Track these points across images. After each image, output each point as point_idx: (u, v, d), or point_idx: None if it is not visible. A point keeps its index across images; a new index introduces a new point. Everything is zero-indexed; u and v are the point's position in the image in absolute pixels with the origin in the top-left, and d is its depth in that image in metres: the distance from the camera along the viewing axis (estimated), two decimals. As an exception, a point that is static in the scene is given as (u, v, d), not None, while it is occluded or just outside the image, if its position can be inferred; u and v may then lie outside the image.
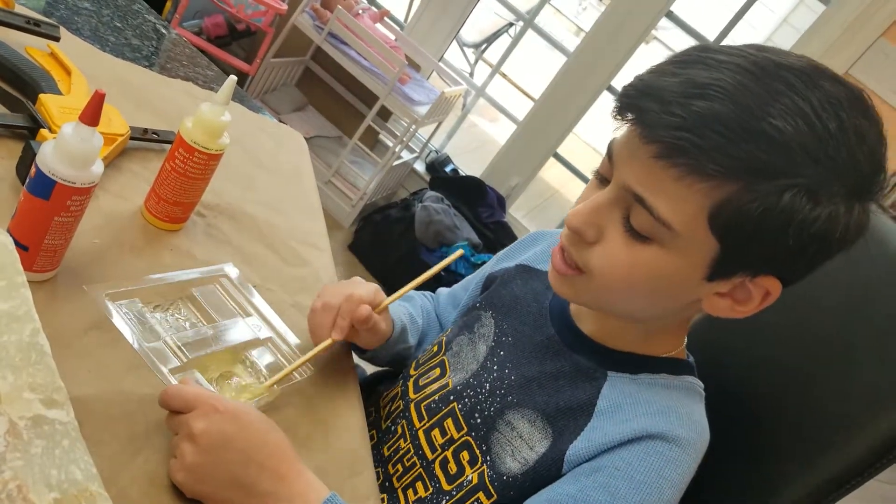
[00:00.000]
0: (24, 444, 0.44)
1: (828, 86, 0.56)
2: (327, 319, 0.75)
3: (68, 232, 0.62)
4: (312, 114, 2.85)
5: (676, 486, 0.63)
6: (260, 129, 1.14)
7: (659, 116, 0.55)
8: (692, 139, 0.54)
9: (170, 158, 0.75)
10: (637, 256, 0.61)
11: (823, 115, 0.54)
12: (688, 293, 0.64)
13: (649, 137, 0.56)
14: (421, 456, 0.75)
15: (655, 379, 0.69)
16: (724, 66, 0.56)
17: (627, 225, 0.61)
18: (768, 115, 0.54)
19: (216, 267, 0.77)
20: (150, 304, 0.68)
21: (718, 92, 0.54)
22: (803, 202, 0.54)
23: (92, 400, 0.57)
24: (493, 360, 0.77)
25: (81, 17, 1.03)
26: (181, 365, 0.65)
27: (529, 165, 2.79)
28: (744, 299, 0.63)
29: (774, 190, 0.54)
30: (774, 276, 0.61)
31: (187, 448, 0.55)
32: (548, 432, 0.69)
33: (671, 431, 0.64)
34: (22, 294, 0.48)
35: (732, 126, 0.54)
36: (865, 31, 2.17)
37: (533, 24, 2.79)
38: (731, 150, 0.54)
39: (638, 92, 0.58)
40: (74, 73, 0.85)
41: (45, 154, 0.57)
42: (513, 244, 0.92)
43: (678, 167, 0.56)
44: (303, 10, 2.48)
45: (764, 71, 0.55)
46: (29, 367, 0.46)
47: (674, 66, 0.58)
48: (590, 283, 0.64)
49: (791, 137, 0.54)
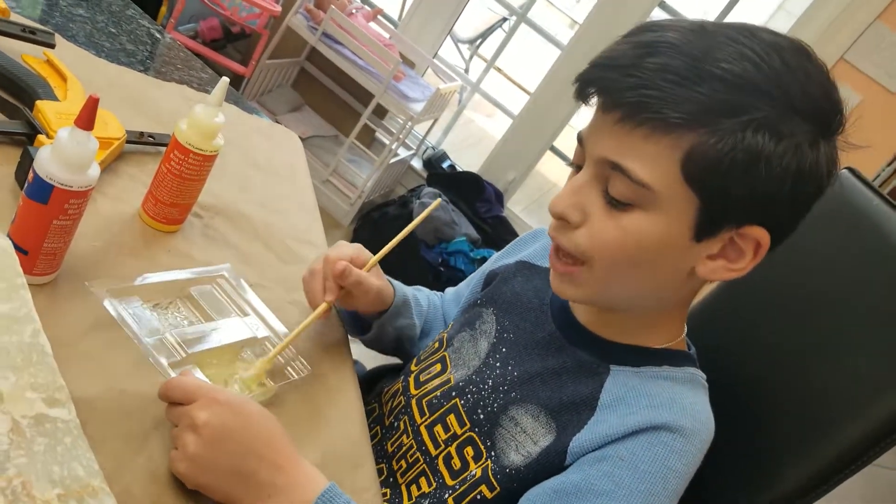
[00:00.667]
0: (27, 441, 0.45)
1: (766, 36, 0.60)
2: (316, 285, 0.78)
3: (67, 235, 0.63)
4: (309, 114, 2.86)
5: (681, 477, 0.64)
6: (255, 129, 1.15)
7: (617, 81, 0.59)
8: (650, 94, 0.57)
9: (165, 161, 0.76)
10: (623, 225, 0.62)
11: (767, 57, 0.58)
12: (680, 259, 0.64)
13: (612, 104, 0.60)
14: (424, 452, 0.76)
15: (658, 371, 0.70)
16: (668, 28, 0.60)
17: (608, 197, 0.62)
18: (717, 60, 0.57)
19: (214, 268, 0.78)
20: (150, 303, 0.70)
21: (667, 47, 0.58)
22: (766, 137, 0.57)
23: (94, 399, 0.58)
24: (495, 356, 0.77)
25: (76, 23, 1.04)
26: (180, 360, 0.66)
27: (526, 159, 2.79)
28: (736, 256, 0.63)
29: (736, 127, 0.57)
30: (760, 226, 0.62)
31: (189, 439, 0.56)
32: (551, 427, 0.69)
33: (675, 422, 0.65)
34: (21, 296, 0.49)
35: (685, 74, 0.57)
36: (861, 14, 2.17)
37: (526, 18, 2.80)
38: (687, 96, 0.57)
39: (594, 66, 0.62)
40: (70, 79, 0.86)
41: (42, 159, 0.58)
42: (513, 241, 0.93)
43: (644, 125, 0.58)
44: (296, 11, 2.49)
45: (704, 29, 0.60)
46: (30, 367, 0.47)
47: (623, 38, 0.62)
48: (591, 269, 0.65)
49: (741, 76, 0.57)
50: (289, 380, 0.72)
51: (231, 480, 0.57)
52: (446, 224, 2.49)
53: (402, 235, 0.78)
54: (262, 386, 0.69)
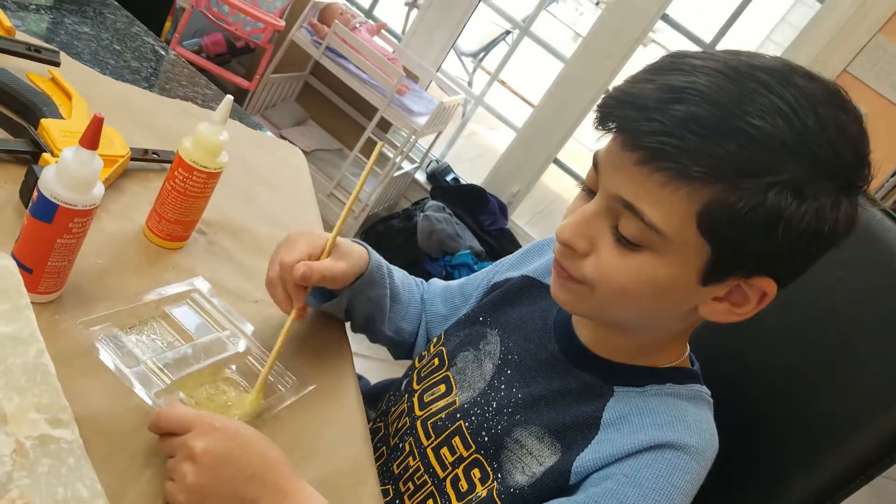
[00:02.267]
0: (30, 462, 0.45)
1: (802, 83, 0.57)
2: (279, 294, 0.74)
3: (71, 253, 0.63)
4: (313, 128, 2.87)
5: (685, 494, 0.63)
6: (258, 145, 1.15)
7: (639, 123, 0.56)
8: (673, 143, 0.55)
9: (170, 178, 0.76)
10: (630, 265, 0.61)
11: (801, 111, 0.55)
12: (685, 300, 0.64)
13: (632, 145, 0.57)
14: (432, 474, 0.75)
15: (662, 388, 0.69)
16: (699, 70, 0.56)
17: (617, 234, 0.61)
18: (746, 114, 0.54)
19: (186, 282, 0.77)
20: (125, 327, 0.68)
21: (695, 95, 0.55)
22: (789, 199, 0.55)
23: (98, 418, 0.58)
24: (500, 378, 0.77)
25: (81, 41, 1.05)
26: (165, 387, 0.64)
27: (530, 172, 2.80)
28: (741, 301, 0.63)
29: (759, 188, 0.55)
30: (768, 277, 0.61)
31: (188, 468, 0.55)
32: (556, 447, 0.69)
33: (680, 440, 0.64)
34: (26, 316, 0.49)
35: (711, 127, 0.54)
36: (863, 27, 2.17)
37: (529, 31, 2.81)
38: (712, 151, 0.54)
39: (617, 101, 0.59)
40: (75, 98, 0.86)
41: (46, 178, 0.58)
42: (520, 251, 0.92)
43: (662, 172, 0.56)
44: (300, 25, 2.50)
45: (738, 72, 0.56)
46: (34, 387, 0.47)
47: (650, 74, 0.59)
48: (594, 294, 0.64)
49: (771, 135, 0.54)
50: (276, 393, 0.71)
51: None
52: (450, 237, 2.49)
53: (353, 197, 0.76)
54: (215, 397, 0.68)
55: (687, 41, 2.59)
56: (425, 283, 0.99)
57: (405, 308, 0.92)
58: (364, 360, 2.05)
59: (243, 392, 0.70)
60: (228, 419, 0.60)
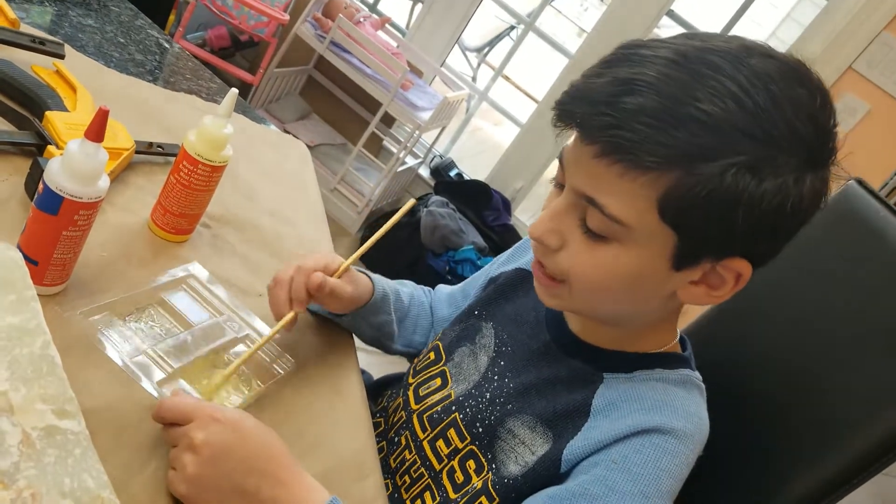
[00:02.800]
0: (37, 453, 0.45)
1: (756, 62, 0.56)
2: (282, 295, 0.74)
3: (77, 246, 0.63)
4: (317, 122, 2.87)
5: (675, 477, 0.64)
6: (263, 139, 1.15)
7: (592, 118, 0.57)
8: (625, 135, 0.55)
9: (174, 171, 0.76)
10: (600, 257, 0.62)
11: (752, 90, 0.55)
12: (660, 286, 0.64)
13: (588, 139, 0.58)
14: (429, 467, 0.76)
15: (650, 374, 0.70)
16: (648, 60, 0.57)
17: (585, 227, 0.62)
18: (695, 99, 0.54)
19: (181, 268, 0.77)
20: (123, 315, 0.68)
21: (643, 86, 0.55)
22: (747, 179, 0.55)
23: (104, 409, 0.58)
24: (493, 369, 0.77)
25: (86, 34, 1.05)
26: (167, 376, 0.65)
27: (534, 168, 2.79)
28: (717, 284, 0.63)
29: (715, 171, 0.55)
30: (741, 257, 0.61)
31: (188, 459, 0.56)
32: (548, 436, 0.69)
33: (667, 424, 0.65)
34: (32, 307, 0.50)
35: (660, 116, 0.55)
36: (869, 24, 2.16)
37: (534, 26, 2.80)
38: (663, 140, 0.55)
39: (570, 98, 0.59)
40: (80, 90, 0.86)
41: (52, 170, 0.59)
42: (514, 246, 0.93)
43: (618, 164, 0.57)
44: (305, 19, 2.50)
45: (687, 58, 0.56)
46: (41, 378, 0.47)
47: (601, 68, 0.59)
48: (571, 291, 0.65)
49: (721, 118, 0.54)
50: (275, 378, 0.72)
51: (233, 498, 0.57)
52: (454, 232, 2.49)
53: (373, 240, 0.75)
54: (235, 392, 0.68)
55: (692, 37, 2.57)
56: (433, 291, 1.00)
57: (414, 322, 0.94)
58: (367, 354, 2.05)
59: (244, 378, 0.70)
60: (229, 409, 0.60)
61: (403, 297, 0.92)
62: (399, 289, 0.92)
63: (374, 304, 0.84)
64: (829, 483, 0.73)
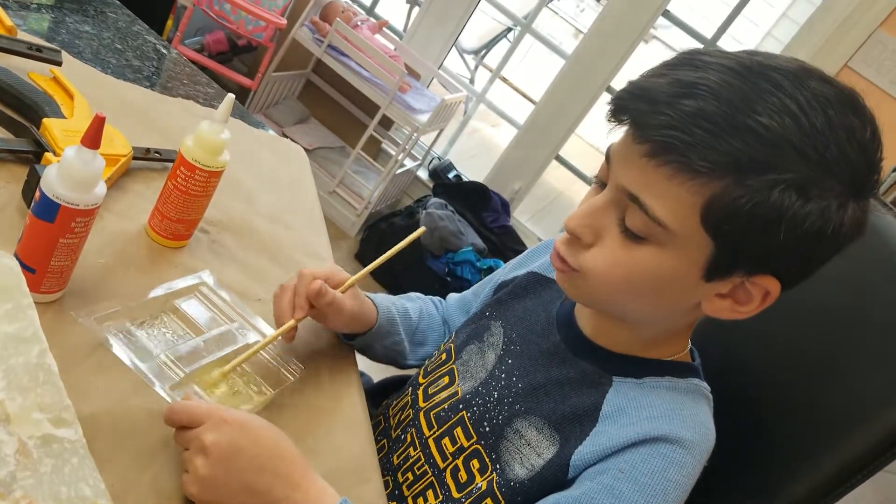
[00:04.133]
0: (33, 462, 0.45)
1: (815, 85, 0.57)
2: (285, 301, 0.75)
3: (74, 253, 0.63)
4: (315, 125, 2.87)
5: (681, 488, 0.64)
6: (260, 143, 1.15)
7: (649, 116, 0.57)
8: (680, 136, 0.55)
9: (172, 177, 0.76)
10: (634, 257, 0.62)
11: (811, 112, 0.55)
12: (688, 294, 0.64)
13: (641, 137, 0.58)
14: (432, 464, 0.75)
15: (660, 382, 0.70)
16: (711, 66, 0.57)
17: (623, 226, 0.62)
18: (754, 111, 0.55)
19: (194, 276, 0.78)
20: (137, 322, 0.69)
21: (704, 90, 0.55)
22: (793, 198, 0.55)
23: (101, 417, 0.58)
24: (501, 368, 0.77)
25: (83, 40, 1.05)
26: (179, 381, 0.65)
27: (532, 169, 2.79)
28: (744, 300, 0.63)
29: (763, 185, 0.55)
30: (772, 276, 0.61)
31: (199, 461, 0.56)
32: (555, 439, 0.69)
33: (675, 433, 0.65)
34: (28, 316, 0.49)
35: (718, 122, 0.55)
36: (863, 22, 2.16)
37: (530, 28, 2.80)
38: (717, 146, 0.55)
39: (629, 94, 0.59)
40: (77, 97, 0.86)
41: (48, 178, 0.58)
42: (525, 252, 0.93)
43: (669, 165, 0.57)
44: (302, 23, 2.50)
45: (750, 70, 0.57)
46: (37, 387, 0.47)
47: (663, 69, 0.59)
48: (586, 282, 0.65)
49: (778, 133, 0.54)
50: (285, 384, 0.72)
51: (245, 498, 0.57)
52: (453, 234, 2.49)
53: (379, 262, 0.76)
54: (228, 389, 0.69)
55: (689, 37, 2.58)
56: (443, 301, 1.01)
57: (425, 336, 0.94)
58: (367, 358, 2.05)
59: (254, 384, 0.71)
60: (239, 412, 0.61)
61: (412, 313, 0.92)
62: (406, 306, 0.92)
63: (380, 328, 0.84)
64: (828, 482, 0.73)
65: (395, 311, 0.88)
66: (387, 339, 0.86)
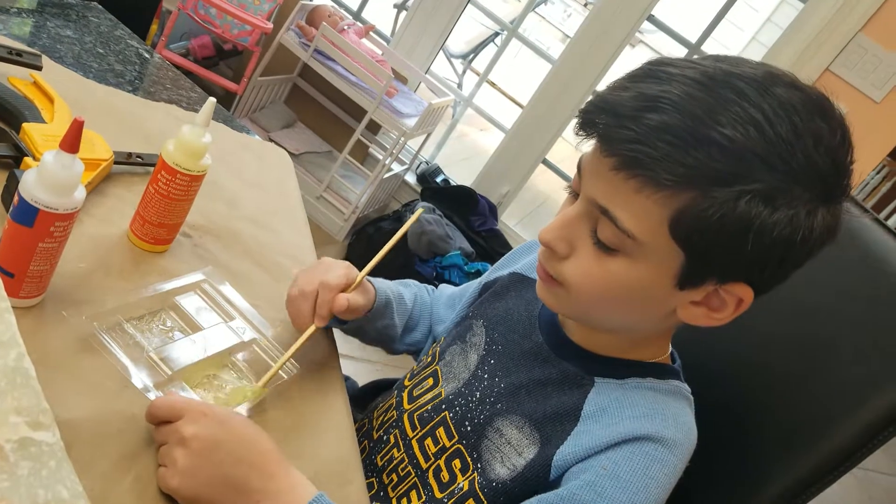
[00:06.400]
0: (10, 465, 0.45)
1: (781, 92, 0.57)
2: (306, 307, 0.76)
3: (53, 258, 0.63)
4: (302, 130, 2.87)
5: (663, 486, 0.64)
6: (244, 147, 1.15)
7: (614, 130, 0.58)
8: (645, 150, 0.56)
9: (153, 181, 0.76)
10: (607, 268, 0.62)
11: (776, 120, 0.55)
12: (662, 303, 0.65)
13: (608, 151, 0.59)
14: (415, 465, 0.76)
15: (642, 382, 0.70)
16: (675, 78, 0.57)
17: (595, 238, 0.62)
18: (718, 123, 0.55)
19: (196, 272, 0.78)
20: (133, 319, 0.69)
21: (667, 104, 0.56)
22: (760, 208, 0.55)
23: (82, 421, 0.58)
24: (483, 368, 0.78)
25: (64, 44, 1.05)
26: (165, 378, 0.66)
27: (519, 173, 2.80)
28: (718, 307, 0.64)
29: (729, 196, 0.55)
30: (745, 283, 0.62)
31: (179, 453, 0.57)
32: (535, 438, 0.70)
33: (658, 432, 0.65)
34: (6, 319, 0.49)
35: (682, 136, 0.55)
36: (844, 26, 2.19)
37: (517, 32, 2.82)
38: (682, 159, 0.55)
39: (595, 108, 0.60)
40: (57, 101, 0.86)
41: (27, 182, 0.58)
42: (509, 252, 0.94)
43: (636, 178, 0.57)
44: (288, 28, 2.50)
45: (713, 80, 0.57)
46: (14, 390, 0.47)
47: (627, 82, 0.60)
48: (568, 295, 0.66)
49: (742, 144, 0.55)
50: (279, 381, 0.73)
51: (223, 489, 0.57)
52: (440, 238, 2.49)
53: (384, 251, 0.77)
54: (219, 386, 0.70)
55: (673, 42, 2.60)
56: (434, 289, 1.01)
57: (416, 322, 0.95)
58: (352, 361, 2.05)
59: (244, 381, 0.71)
60: (218, 407, 0.61)
61: (406, 299, 0.93)
62: (402, 291, 0.93)
63: (377, 311, 0.85)
64: (806, 478, 0.74)
65: (392, 295, 0.88)
66: (380, 321, 0.87)
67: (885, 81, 2.17)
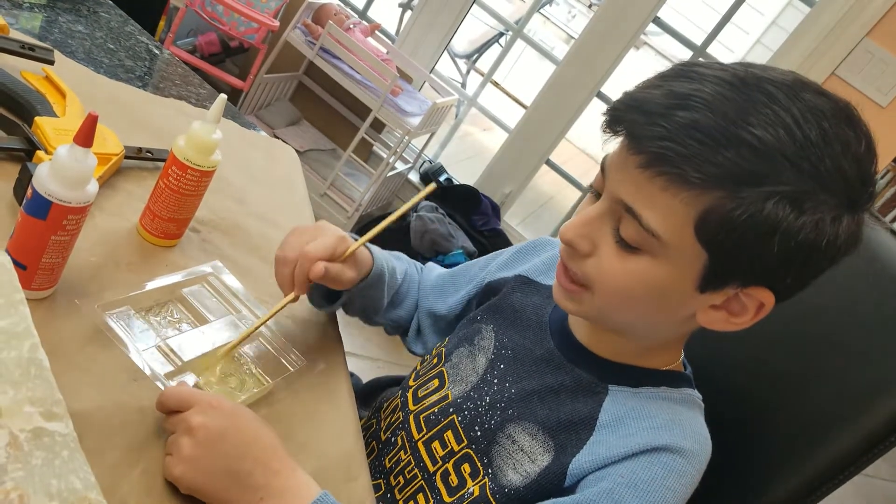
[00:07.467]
0: (24, 455, 0.45)
1: (810, 97, 0.57)
2: (286, 273, 0.74)
3: (65, 250, 0.63)
4: (306, 128, 2.87)
5: (680, 496, 0.64)
6: (252, 144, 1.16)
7: (643, 128, 0.57)
8: (674, 148, 0.56)
9: (163, 176, 0.77)
10: (628, 268, 0.62)
11: (805, 125, 0.55)
12: (682, 305, 0.64)
13: (635, 148, 0.58)
14: (422, 468, 0.76)
15: (656, 392, 0.70)
16: (706, 78, 0.57)
17: (618, 236, 0.62)
18: (748, 123, 0.55)
19: (204, 265, 0.79)
20: (142, 310, 0.70)
21: (699, 102, 0.56)
22: (787, 210, 0.55)
23: (92, 412, 0.58)
24: (492, 372, 0.77)
25: (75, 40, 1.05)
26: (175, 369, 0.67)
27: (523, 173, 2.81)
28: (738, 311, 0.63)
29: (757, 197, 0.55)
30: (766, 288, 0.61)
31: (185, 442, 0.57)
32: (549, 445, 0.69)
33: (676, 444, 0.65)
34: (20, 311, 0.50)
35: (712, 134, 0.55)
36: (851, 31, 2.19)
37: (522, 33, 2.82)
38: (711, 158, 0.55)
39: (625, 105, 0.60)
40: (69, 96, 0.86)
41: (40, 175, 0.59)
42: (513, 251, 0.92)
43: (663, 177, 0.57)
44: (295, 26, 2.51)
45: (744, 83, 0.57)
46: (28, 381, 0.48)
47: (658, 80, 0.60)
48: (593, 297, 0.66)
49: (771, 145, 0.55)
50: (284, 374, 0.73)
51: (226, 482, 0.58)
52: (443, 237, 2.50)
53: (386, 222, 0.75)
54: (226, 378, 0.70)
55: (680, 45, 2.60)
56: (422, 266, 1.00)
57: (402, 299, 0.93)
58: (356, 359, 2.05)
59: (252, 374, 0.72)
60: (227, 400, 0.62)
61: (398, 274, 0.92)
62: (395, 265, 0.91)
63: (370, 281, 0.83)
64: (809, 483, 0.74)
65: (386, 268, 0.87)
66: (370, 290, 0.85)
67: (892, 86, 2.17)
